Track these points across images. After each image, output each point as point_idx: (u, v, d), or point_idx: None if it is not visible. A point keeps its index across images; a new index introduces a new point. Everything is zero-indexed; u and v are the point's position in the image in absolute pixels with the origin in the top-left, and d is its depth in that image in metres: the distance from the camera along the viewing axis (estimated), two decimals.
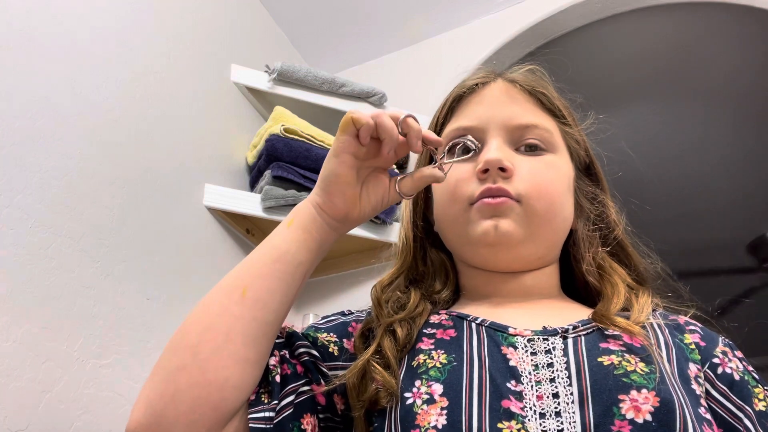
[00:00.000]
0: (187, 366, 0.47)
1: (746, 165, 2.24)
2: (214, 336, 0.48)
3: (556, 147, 0.63)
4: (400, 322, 0.58)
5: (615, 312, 0.56)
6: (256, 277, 0.51)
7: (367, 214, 0.56)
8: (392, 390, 0.51)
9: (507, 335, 0.54)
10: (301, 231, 0.53)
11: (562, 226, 0.63)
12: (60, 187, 0.92)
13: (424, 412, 0.49)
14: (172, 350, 0.50)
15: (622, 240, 0.66)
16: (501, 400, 0.49)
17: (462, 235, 0.62)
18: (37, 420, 0.80)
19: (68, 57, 0.99)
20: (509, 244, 0.59)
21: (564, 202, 0.62)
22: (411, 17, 1.67)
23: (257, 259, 0.53)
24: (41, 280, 0.85)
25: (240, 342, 0.49)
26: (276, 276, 0.52)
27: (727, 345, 0.58)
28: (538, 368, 0.51)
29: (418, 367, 0.54)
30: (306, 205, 0.55)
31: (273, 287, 0.51)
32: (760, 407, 0.53)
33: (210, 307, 0.51)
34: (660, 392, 0.47)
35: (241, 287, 0.50)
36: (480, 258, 0.63)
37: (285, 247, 0.53)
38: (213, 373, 0.47)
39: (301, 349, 0.55)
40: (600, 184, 0.69)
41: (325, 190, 0.53)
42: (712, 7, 1.49)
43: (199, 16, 1.35)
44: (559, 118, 0.66)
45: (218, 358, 0.48)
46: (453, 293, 0.66)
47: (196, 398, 0.47)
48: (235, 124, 1.41)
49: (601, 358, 0.50)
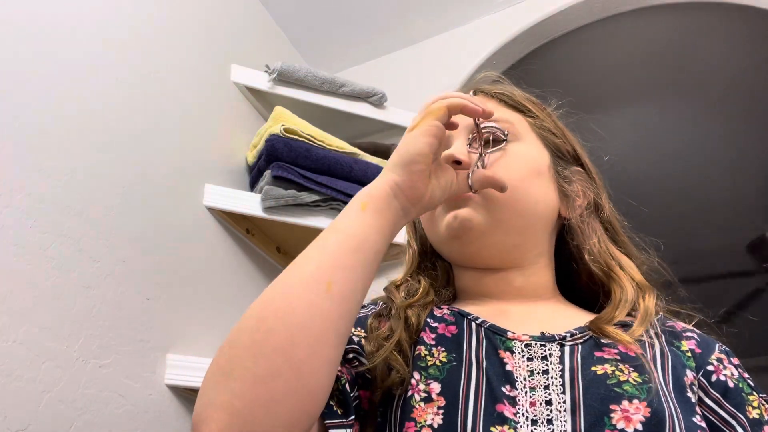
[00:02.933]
0: (282, 372, 0.42)
1: (746, 165, 2.24)
2: (306, 337, 0.43)
3: (520, 136, 0.65)
4: (413, 307, 0.59)
5: (616, 321, 0.55)
6: (339, 269, 0.46)
7: (436, 200, 0.55)
8: (406, 377, 0.52)
9: (505, 339, 0.55)
10: (377, 216, 0.50)
11: (531, 210, 0.62)
12: (60, 187, 0.92)
13: (421, 409, 0.50)
14: (256, 351, 0.43)
15: (615, 227, 0.66)
16: (495, 404, 0.49)
17: (435, 233, 0.65)
18: (37, 420, 0.80)
19: (68, 57, 0.99)
20: (472, 231, 0.60)
21: (527, 185, 0.62)
22: (411, 17, 1.67)
23: (336, 248, 0.48)
24: (41, 280, 0.85)
25: (331, 343, 0.44)
26: (358, 267, 0.48)
27: (723, 352, 0.57)
28: (534, 374, 0.52)
29: (418, 357, 0.54)
30: (382, 186, 0.52)
31: (356, 280, 0.47)
32: (754, 415, 0.52)
33: (293, 302, 0.44)
34: (651, 403, 0.47)
35: (325, 281, 0.45)
36: (455, 253, 0.65)
37: (363, 235, 0.49)
38: (308, 379, 0.43)
39: (350, 355, 0.54)
40: (586, 169, 0.69)
41: (407, 169, 0.52)
42: (712, 7, 1.49)
43: (199, 16, 1.35)
44: (524, 112, 0.68)
45: (312, 362, 0.43)
46: (453, 295, 0.67)
47: (293, 407, 0.42)
48: (235, 124, 1.41)
49: (595, 367, 0.51)
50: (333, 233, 0.49)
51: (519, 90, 0.70)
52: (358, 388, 0.53)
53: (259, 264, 1.35)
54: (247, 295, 1.29)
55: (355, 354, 0.54)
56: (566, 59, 1.78)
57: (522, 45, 1.61)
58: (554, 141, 0.67)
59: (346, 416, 0.49)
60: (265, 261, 1.38)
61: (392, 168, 0.53)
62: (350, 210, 0.51)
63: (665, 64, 1.83)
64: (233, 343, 0.44)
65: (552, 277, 0.66)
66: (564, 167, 0.67)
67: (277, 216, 1.25)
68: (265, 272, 1.37)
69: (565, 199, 0.65)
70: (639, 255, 0.66)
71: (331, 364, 0.45)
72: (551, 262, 0.66)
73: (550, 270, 0.66)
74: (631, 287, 0.59)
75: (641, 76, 1.88)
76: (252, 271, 1.33)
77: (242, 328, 0.45)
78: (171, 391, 1.04)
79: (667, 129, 2.11)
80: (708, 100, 1.98)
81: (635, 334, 0.54)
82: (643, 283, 0.61)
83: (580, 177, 0.67)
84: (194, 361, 1.07)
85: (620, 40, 1.74)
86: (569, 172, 0.67)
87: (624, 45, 1.76)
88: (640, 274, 0.62)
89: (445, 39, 1.70)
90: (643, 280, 0.61)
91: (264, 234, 1.36)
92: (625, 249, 0.65)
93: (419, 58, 1.71)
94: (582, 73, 1.87)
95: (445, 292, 0.66)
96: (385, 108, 1.53)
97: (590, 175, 0.69)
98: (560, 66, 1.80)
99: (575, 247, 0.65)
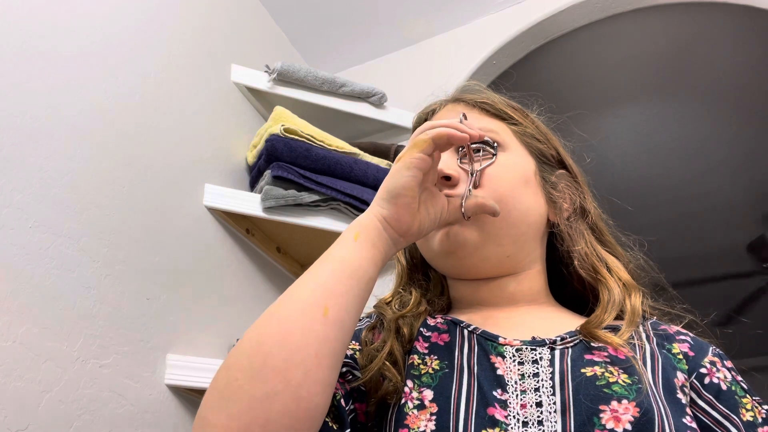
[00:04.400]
0: (279, 393, 0.43)
1: (746, 164, 2.24)
2: (303, 360, 0.44)
3: (505, 145, 0.65)
4: (404, 319, 0.59)
5: (606, 324, 0.56)
6: (334, 295, 0.48)
7: (425, 230, 0.56)
8: (399, 387, 0.53)
9: (496, 344, 0.56)
10: (370, 246, 0.52)
11: (523, 219, 0.63)
12: (60, 187, 0.92)
13: (414, 416, 0.51)
14: (254, 374, 0.44)
15: (602, 228, 0.67)
16: (487, 408, 0.50)
17: (428, 250, 0.65)
18: (37, 420, 0.80)
19: (68, 57, 0.99)
20: (465, 247, 0.61)
21: (517, 195, 0.62)
22: (411, 17, 1.67)
23: (330, 275, 0.50)
24: (41, 280, 0.85)
25: (327, 365, 0.46)
26: (352, 293, 0.49)
27: (717, 355, 0.57)
28: (524, 378, 0.52)
29: (411, 366, 0.55)
30: (371, 219, 0.54)
31: (350, 305, 0.49)
32: (748, 417, 0.53)
33: (289, 326, 0.46)
34: (640, 403, 0.48)
35: (321, 306, 0.47)
36: (449, 267, 0.65)
37: (357, 263, 0.51)
38: (306, 401, 0.44)
39: (343, 369, 0.54)
40: (570, 171, 0.69)
41: (393, 203, 0.53)
42: (712, 7, 1.49)
43: (199, 16, 1.36)
44: (506, 119, 0.68)
45: (309, 384, 0.44)
46: (447, 305, 0.68)
47: (290, 427, 0.43)
48: (235, 124, 1.41)
49: (584, 369, 0.51)
50: (328, 262, 0.51)
51: (499, 97, 0.71)
52: (353, 401, 0.54)
53: (259, 264, 1.35)
54: (246, 295, 1.29)
55: (349, 368, 0.55)
56: (566, 59, 1.78)
57: (522, 45, 1.61)
58: (538, 146, 0.68)
59: (342, 430, 0.50)
60: (265, 261, 1.38)
61: (379, 202, 0.54)
62: (344, 240, 0.53)
63: (665, 64, 1.83)
64: (231, 366, 0.46)
65: (544, 282, 0.66)
66: (550, 172, 0.67)
67: (277, 216, 1.25)
68: (265, 272, 1.37)
69: (552, 204, 0.66)
70: (625, 254, 0.66)
71: (327, 386, 0.46)
72: (543, 267, 0.66)
73: (543, 275, 0.66)
74: (617, 288, 0.60)
75: (641, 76, 1.89)
76: (252, 271, 1.33)
77: (240, 351, 0.46)
78: (171, 391, 1.04)
79: (666, 128, 2.11)
80: (708, 99, 1.98)
81: (624, 336, 0.55)
82: (630, 283, 0.62)
83: (565, 181, 0.68)
84: (194, 361, 1.07)
85: (620, 40, 1.75)
86: (555, 177, 0.67)
87: (624, 45, 1.76)
88: (627, 273, 0.63)
89: (445, 39, 1.70)
90: (629, 280, 0.62)
91: (264, 234, 1.36)
92: (611, 249, 0.66)
93: (419, 58, 1.71)
94: (582, 73, 1.87)
95: (438, 301, 0.66)
96: (385, 108, 1.54)
97: (575, 178, 0.69)
98: (560, 66, 1.80)
99: (564, 252, 0.65)
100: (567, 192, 0.67)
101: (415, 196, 0.54)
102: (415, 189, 0.53)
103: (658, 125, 2.10)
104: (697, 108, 2.03)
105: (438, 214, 0.57)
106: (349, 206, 1.30)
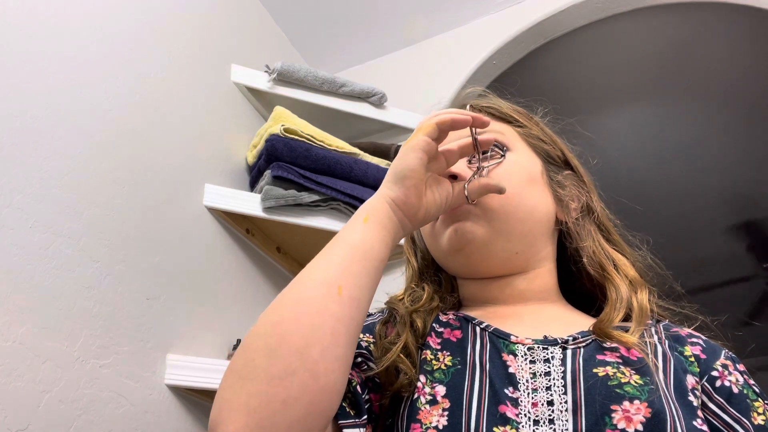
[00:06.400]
0: (297, 371, 0.43)
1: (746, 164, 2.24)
2: (320, 337, 0.45)
3: (511, 146, 0.66)
4: (418, 313, 0.60)
5: (616, 323, 0.56)
6: (348, 275, 0.49)
7: (432, 214, 0.57)
8: (414, 380, 0.54)
9: (508, 342, 0.56)
10: (380, 227, 0.53)
11: (530, 216, 0.63)
12: (60, 187, 0.92)
13: (426, 411, 0.51)
14: (271, 353, 0.44)
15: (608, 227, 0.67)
16: (498, 405, 0.51)
17: (437, 249, 0.66)
18: (37, 420, 0.80)
19: (69, 57, 0.99)
20: (474, 243, 0.61)
21: (524, 192, 0.63)
22: (411, 17, 1.67)
23: (343, 257, 0.50)
24: (41, 280, 0.85)
25: (343, 343, 0.46)
26: (365, 273, 0.50)
27: (729, 358, 0.57)
28: (536, 376, 0.53)
29: (424, 361, 0.56)
30: (380, 201, 0.55)
31: (363, 285, 0.50)
32: (759, 421, 0.52)
33: (305, 306, 0.47)
34: (652, 403, 0.48)
35: (335, 285, 0.48)
36: (459, 266, 0.66)
37: (369, 244, 0.52)
38: (323, 378, 0.44)
39: (358, 359, 0.55)
40: (576, 172, 0.70)
41: (400, 185, 0.54)
42: (712, 7, 1.49)
43: (199, 16, 1.36)
44: (511, 122, 0.69)
45: (326, 362, 0.45)
46: (458, 302, 0.68)
47: (308, 405, 0.44)
48: (235, 124, 1.41)
49: (596, 369, 0.52)
50: (339, 243, 0.52)
51: (505, 101, 0.72)
52: (369, 392, 0.55)
53: (259, 264, 1.35)
54: (247, 295, 1.29)
55: (363, 358, 0.55)
56: (566, 59, 1.78)
57: (522, 45, 1.61)
58: (544, 147, 0.69)
59: (359, 416, 0.51)
60: (265, 261, 1.38)
61: (387, 184, 0.56)
62: (354, 222, 0.54)
63: (665, 64, 1.83)
64: (248, 347, 0.46)
65: (554, 281, 0.66)
66: (556, 172, 0.68)
67: (277, 216, 1.25)
68: (265, 272, 1.37)
69: (560, 203, 0.66)
70: (632, 252, 0.67)
71: (343, 363, 0.46)
72: (554, 266, 0.67)
73: (553, 274, 0.66)
74: (624, 286, 0.61)
75: (641, 76, 1.89)
76: (252, 271, 1.33)
77: (257, 333, 0.47)
78: (171, 391, 1.04)
79: (666, 128, 2.11)
80: (708, 100, 1.98)
81: (635, 335, 0.55)
82: (636, 280, 0.62)
83: (572, 181, 0.69)
84: (194, 361, 1.07)
85: (620, 40, 1.75)
86: (561, 176, 0.68)
87: (624, 45, 1.76)
88: (633, 270, 0.63)
89: (445, 39, 1.70)
90: (636, 277, 0.62)
91: (264, 234, 1.36)
92: (619, 248, 0.67)
93: (419, 58, 1.71)
94: (582, 73, 1.87)
95: (450, 298, 0.67)
96: (385, 108, 1.54)
97: (581, 178, 0.70)
98: (560, 66, 1.80)
99: (573, 250, 0.66)
100: (574, 191, 0.67)
101: (421, 177, 0.55)
102: (421, 171, 0.55)
103: (658, 125, 2.10)
104: (697, 107, 2.03)
105: (444, 199, 0.58)
106: (349, 206, 1.30)
